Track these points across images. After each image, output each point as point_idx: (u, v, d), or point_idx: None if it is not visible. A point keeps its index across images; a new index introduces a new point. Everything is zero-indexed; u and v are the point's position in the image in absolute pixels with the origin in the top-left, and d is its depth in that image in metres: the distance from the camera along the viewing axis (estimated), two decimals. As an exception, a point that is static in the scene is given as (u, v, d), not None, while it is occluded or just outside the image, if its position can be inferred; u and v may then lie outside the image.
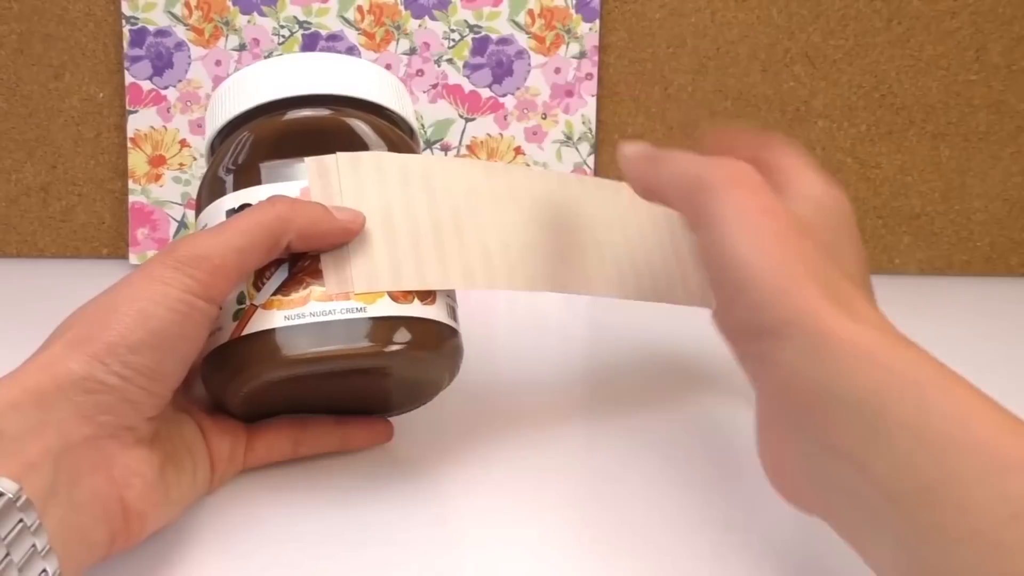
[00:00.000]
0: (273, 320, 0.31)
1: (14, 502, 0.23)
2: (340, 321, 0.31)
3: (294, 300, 0.31)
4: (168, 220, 0.60)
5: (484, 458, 0.37)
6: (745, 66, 0.61)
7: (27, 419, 0.25)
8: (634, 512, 0.34)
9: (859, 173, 0.63)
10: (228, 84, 0.36)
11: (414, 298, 0.32)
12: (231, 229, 0.30)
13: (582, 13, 0.60)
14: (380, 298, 0.32)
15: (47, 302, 0.52)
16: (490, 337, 0.51)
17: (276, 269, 0.32)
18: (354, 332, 0.31)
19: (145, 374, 0.28)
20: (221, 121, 0.36)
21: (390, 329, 0.32)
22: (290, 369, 0.31)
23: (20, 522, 0.23)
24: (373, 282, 0.32)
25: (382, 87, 0.37)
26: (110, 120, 0.60)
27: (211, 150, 0.37)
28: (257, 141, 0.34)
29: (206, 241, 0.30)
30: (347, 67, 0.36)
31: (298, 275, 0.32)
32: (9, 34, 0.59)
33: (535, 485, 0.35)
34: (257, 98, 0.35)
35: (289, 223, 0.31)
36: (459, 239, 0.35)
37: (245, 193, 0.33)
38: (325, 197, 0.33)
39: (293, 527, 0.32)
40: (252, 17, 0.59)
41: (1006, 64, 0.62)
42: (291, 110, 0.35)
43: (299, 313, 0.31)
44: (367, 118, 0.36)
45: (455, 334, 0.34)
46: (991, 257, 0.65)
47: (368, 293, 0.32)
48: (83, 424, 0.26)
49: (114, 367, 0.27)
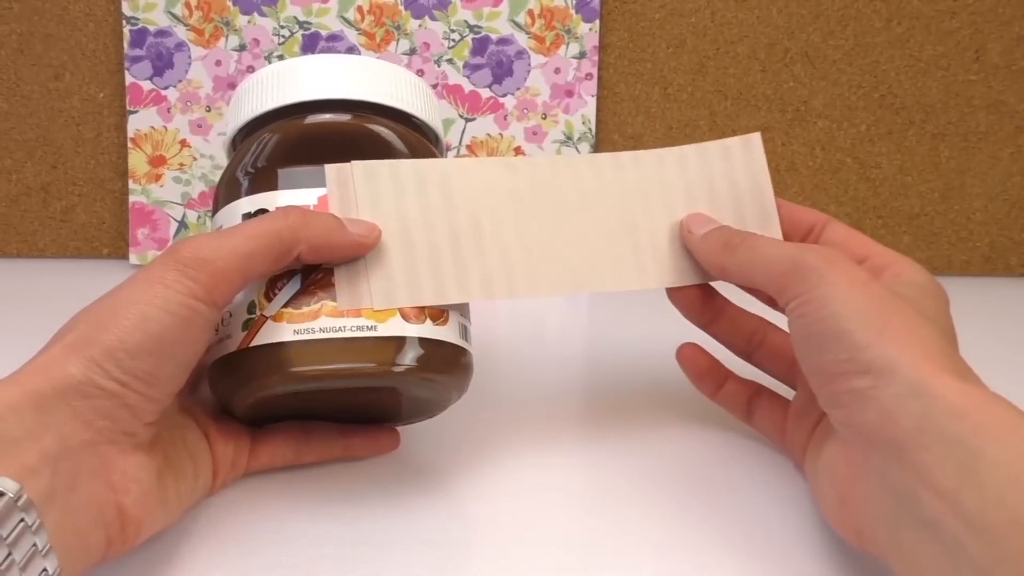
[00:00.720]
0: (283, 333, 0.31)
1: (15, 502, 0.23)
2: (350, 339, 0.31)
3: (305, 314, 0.31)
4: (168, 220, 0.60)
5: (486, 461, 0.37)
6: (745, 66, 0.61)
7: (26, 423, 0.25)
8: (640, 516, 0.34)
9: (859, 173, 0.63)
10: (253, 80, 0.36)
11: (426, 318, 0.32)
12: (239, 234, 0.30)
13: (582, 13, 0.60)
14: (391, 317, 0.31)
15: (47, 302, 0.52)
16: (492, 339, 0.51)
17: (288, 280, 0.32)
18: (363, 351, 0.31)
19: (143, 379, 0.27)
20: (243, 119, 0.35)
21: (399, 350, 0.31)
22: (296, 384, 0.31)
23: (21, 522, 0.23)
24: (386, 299, 0.32)
25: (408, 92, 0.36)
26: (110, 120, 0.60)
27: (232, 146, 0.37)
28: (277, 144, 0.34)
29: (211, 243, 0.29)
30: (373, 71, 0.36)
31: (310, 288, 0.31)
32: (9, 34, 0.59)
33: (538, 488, 0.35)
34: (279, 100, 0.34)
35: (300, 234, 0.30)
36: (478, 247, 0.34)
37: (262, 197, 0.33)
38: (343, 205, 0.32)
39: (294, 528, 0.32)
40: (252, 17, 0.59)
41: (1006, 64, 0.62)
42: (313, 114, 0.34)
43: (309, 328, 0.31)
44: (391, 124, 0.35)
45: (465, 354, 0.34)
46: (991, 257, 0.65)
47: (380, 310, 0.31)
48: (81, 429, 0.26)
49: (112, 372, 0.27)
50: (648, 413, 0.41)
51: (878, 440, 0.27)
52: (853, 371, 0.28)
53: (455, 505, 0.34)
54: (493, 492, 0.35)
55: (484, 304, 0.56)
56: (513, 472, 0.36)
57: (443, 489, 0.35)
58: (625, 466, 0.37)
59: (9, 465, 0.24)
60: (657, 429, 0.40)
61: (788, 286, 0.31)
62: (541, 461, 0.37)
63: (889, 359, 0.27)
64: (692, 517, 0.33)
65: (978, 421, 0.25)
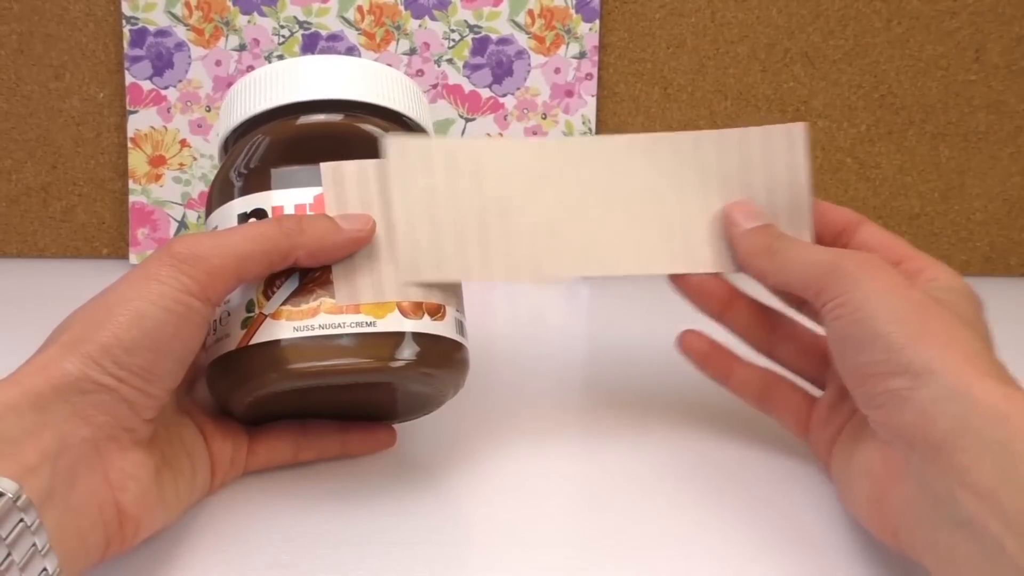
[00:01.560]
0: (282, 331, 0.31)
1: (14, 502, 0.23)
2: (349, 335, 0.31)
3: (303, 311, 0.31)
4: (168, 220, 0.60)
5: (486, 459, 0.37)
6: (745, 66, 0.61)
7: (25, 422, 0.25)
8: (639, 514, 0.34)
9: (859, 173, 0.63)
10: (244, 83, 0.36)
11: (423, 313, 0.32)
12: (235, 235, 0.30)
13: (582, 13, 0.60)
14: (390, 312, 0.32)
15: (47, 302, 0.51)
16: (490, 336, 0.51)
17: (286, 279, 0.32)
18: (362, 347, 0.31)
19: (140, 374, 0.27)
20: (235, 121, 0.36)
21: (398, 345, 0.32)
22: (296, 381, 0.31)
23: (20, 522, 0.23)
24: (381, 292, 0.32)
25: (397, 91, 0.36)
26: (110, 120, 0.60)
27: (224, 148, 0.37)
28: (270, 145, 0.34)
29: (207, 241, 0.30)
30: (363, 71, 0.36)
31: (308, 285, 0.32)
32: (9, 34, 0.59)
33: (539, 487, 0.35)
34: (271, 101, 0.35)
35: (296, 241, 0.31)
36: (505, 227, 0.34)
37: (257, 198, 0.33)
38: (339, 204, 0.33)
39: (293, 528, 0.32)
40: (252, 17, 0.59)
41: (1006, 64, 0.62)
42: (305, 114, 0.34)
43: (308, 325, 0.31)
44: (382, 124, 0.35)
45: (461, 348, 0.34)
46: (991, 257, 0.65)
47: (378, 306, 0.32)
48: (81, 425, 0.26)
49: (109, 368, 0.27)
50: (650, 409, 0.41)
51: (916, 440, 0.27)
52: (891, 372, 0.28)
53: (455, 504, 0.34)
54: (493, 491, 0.35)
55: (482, 300, 0.56)
56: (513, 471, 0.36)
57: (443, 488, 0.35)
58: (627, 463, 0.37)
59: (9, 465, 0.24)
60: (659, 426, 0.40)
61: (825, 289, 0.31)
62: (541, 460, 0.37)
63: (928, 360, 0.27)
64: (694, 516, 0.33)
65: (1019, 424, 0.25)
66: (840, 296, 0.30)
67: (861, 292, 0.30)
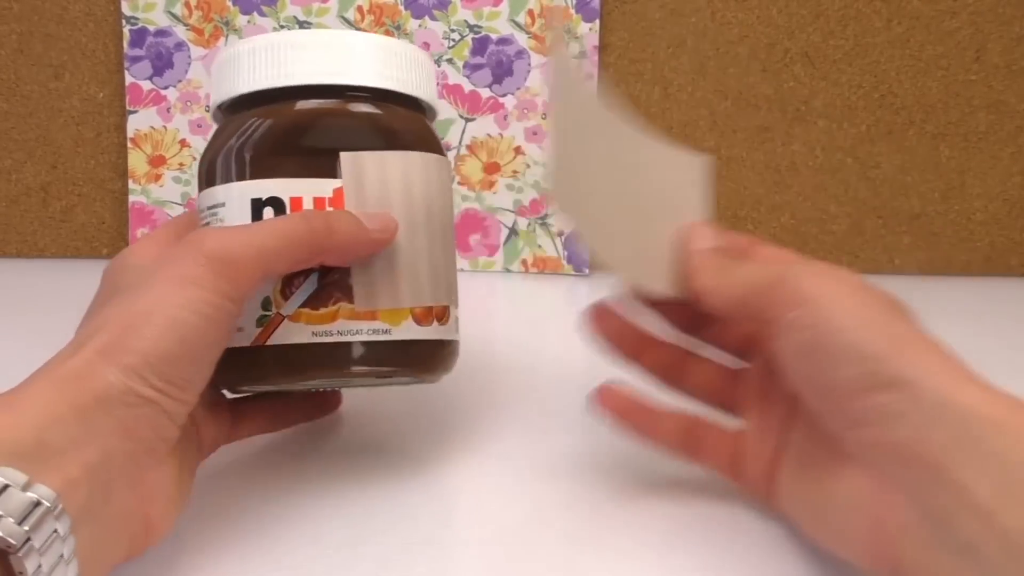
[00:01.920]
0: (301, 335, 0.31)
1: (51, 511, 0.23)
2: (365, 342, 0.31)
3: (322, 315, 0.31)
4: (168, 220, 0.60)
5: (486, 458, 0.37)
6: (745, 66, 0.61)
7: (70, 432, 0.24)
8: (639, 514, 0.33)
9: (859, 173, 0.63)
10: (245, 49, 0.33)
11: (433, 319, 0.33)
12: (263, 231, 0.29)
13: (582, 13, 0.60)
14: (404, 320, 0.32)
15: (47, 302, 0.52)
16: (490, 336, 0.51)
17: (305, 279, 0.31)
18: (379, 354, 0.32)
19: (179, 385, 0.27)
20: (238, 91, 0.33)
21: (411, 352, 0.32)
22: (314, 384, 0.32)
23: (54, 532, 0.23)
24: (397, 299, 0.32)
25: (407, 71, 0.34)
26: (110, 120, 0.60)
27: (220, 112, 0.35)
28: (281, 129, 0.32)
29: (237, 238, 0.29)
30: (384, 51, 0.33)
31: (327, 288, 0.31)
32: (9, 34, 0.59)
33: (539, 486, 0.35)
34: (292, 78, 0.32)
35: (325, 243, 0.30)
36: None
37: (272, 184, 0.31)
38: (359, 198, 0.32)
39: (293, 529, 0.32)
40: (252, 17, 0.59)
41: (1006, 64, 0.62)
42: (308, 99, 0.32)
43: (327, 330, 0.31)
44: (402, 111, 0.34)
45: (457, 344, 0.35)
46: (991, 257, 0.65)
47: (393, 312, 0.32)
48: (125, 439, 0.26)
49: (151, 380, 0.26)
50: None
51: (911, 459, 0.25)
52: (874, 385, 0.26)
53: (454, 504, 0.34)
54: (493, 490, 0.35)
55: (483, 300, 0.56)
56: (513, 470, 0.36)
57: (442, 488, 0.35)
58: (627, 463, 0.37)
59: (53, 476, 0.23)
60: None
61: (776, 302, 0.29)
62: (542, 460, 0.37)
63: (910, 370, 0.26)
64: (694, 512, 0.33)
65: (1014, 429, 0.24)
66: (798, 307, 0.28)
67: (825, 298, 0.28)
